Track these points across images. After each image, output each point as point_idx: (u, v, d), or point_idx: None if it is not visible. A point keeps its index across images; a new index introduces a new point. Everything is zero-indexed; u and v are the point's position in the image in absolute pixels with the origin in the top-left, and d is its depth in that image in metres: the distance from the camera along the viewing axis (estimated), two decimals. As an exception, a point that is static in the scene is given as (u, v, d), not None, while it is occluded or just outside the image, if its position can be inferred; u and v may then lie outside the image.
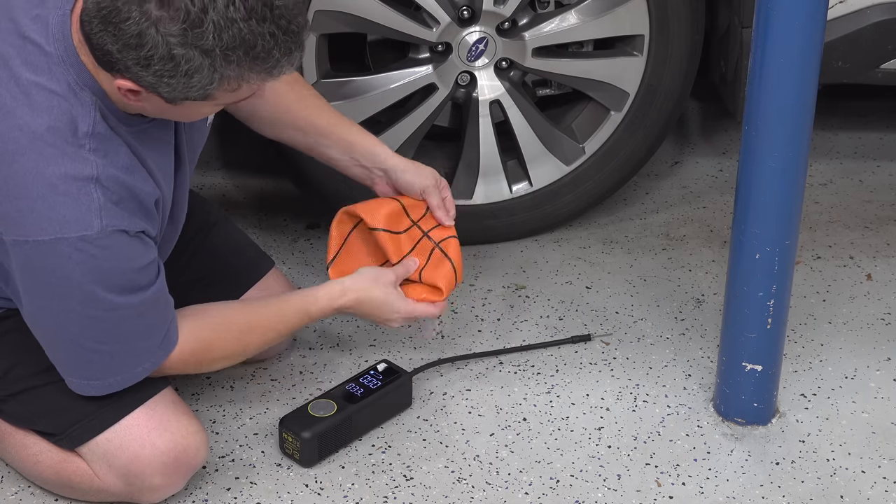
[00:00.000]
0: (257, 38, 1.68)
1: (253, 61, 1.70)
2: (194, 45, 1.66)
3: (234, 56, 1.68)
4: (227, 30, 1.66)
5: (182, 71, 1.68)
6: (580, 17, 2.62)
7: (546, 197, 2.80)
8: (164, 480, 2.04)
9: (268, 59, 1.71)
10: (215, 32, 1.66)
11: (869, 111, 3.39)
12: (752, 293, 2.15)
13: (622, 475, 2.20)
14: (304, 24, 1.74)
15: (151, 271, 1.89)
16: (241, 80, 1.73)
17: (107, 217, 1.79)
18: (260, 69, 1.72)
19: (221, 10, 1.65)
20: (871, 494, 2.17)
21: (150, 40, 1.66)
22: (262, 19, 1.68)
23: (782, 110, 1.98)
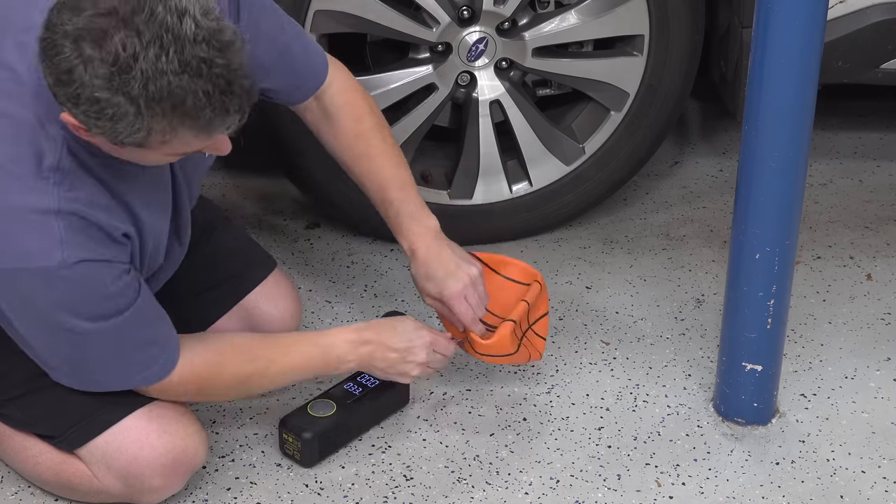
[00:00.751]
0: (187, 95, 1.61)
1: (182, 117, 1.63)
2: (120, 90, 1.60)
3: (160, 108, 1.62)
4: (154, 80, 1.60)
5: (108, 115, 1.63)
6: (580, 17, 2.62)
7: (546, 197, 2.80)
8: (164, 481, 2.04)
9: (199, 117, 1.64)
10: (142, 81, 1.59)
11: (869, 111, 3.39)
12: (752, 293, 2.15)
13: (622, 475, 2.20)
14: (248, 87, 1.66)
15: (125, 296, 1.86)
16: (171, 133, 1.66)
17: (68, 248, 1.76)
18: (191, 126, 1.65)
19: (152, 59, 1.59)
20: (871, 494, 2.17)
21: (79, 78, 1.61)
22: (196, 75, 1.61)
23: (782, 110, 1.98)
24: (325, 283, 2.71)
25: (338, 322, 2.57)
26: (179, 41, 1.60)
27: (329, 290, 2.68)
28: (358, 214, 2.76)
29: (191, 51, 1.61)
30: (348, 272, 2.75)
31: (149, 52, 1.59)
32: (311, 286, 2.68)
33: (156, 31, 1.60)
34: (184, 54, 1.60)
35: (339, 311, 2.61)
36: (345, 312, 2.60)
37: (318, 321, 2.58)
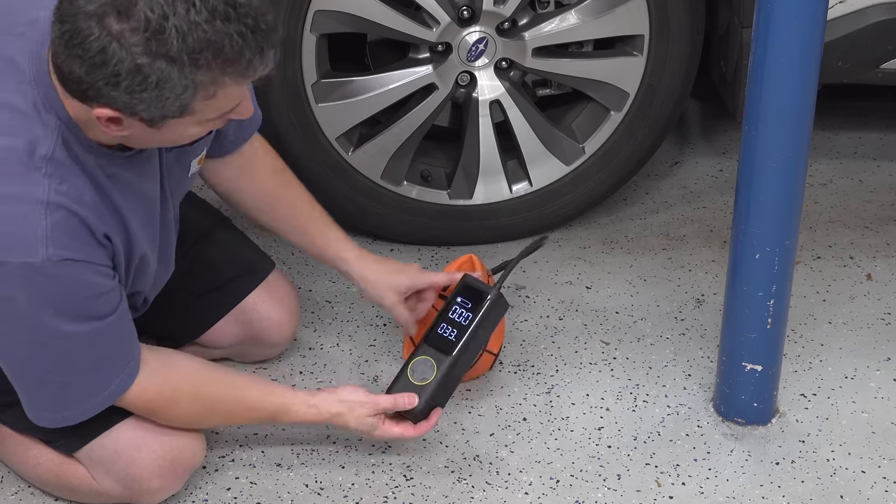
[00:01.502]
0: (224, 39, 1.62)
1: (224, 63, 1.64)
2: (159, 53, 1.61)
3: (203, 59, 1.62)
4: (190, 34, 1.60)
5: (152, 83, 1.63)
6: (580, 17, 2.62)
7: (546, 197, 2.80)
8: (162, 482, 2.04)
9: (239, 59, 1.65)
10: (179, 37, 1.60)
11: (869, 111, 3.39)
12: (752, 293, 2.15)
13: (622, 475, 2.20)
14: (273, 22, 1.68)
15: (109, 302, 1.85)
16: (215, 85, 1.66)
17: (52, 246, 1.74)
18: (233, 71, 1.66)
19: (182, 14, 1.60)
20: (871, 494, 2.17)
21: (115, 55, 1.61)
22: (226, 19, 1.62)
23: (782, 110, 1.98)
24: (325, 283, 2.71)
25: (337, 322, 2.57)
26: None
27: (329, 290, 2.68)
28: (358, 214, 2.76)
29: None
30: (348, 272, 2.75)
31: (177, 8, 1.60)
32: (311, 286, 2.68)
33: None
34: (209, 2, 1.62)
35: (339, 310, 2.61)
36: (344, 312, 2.60)
37: (317, 321, 2.58)
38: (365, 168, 2.69)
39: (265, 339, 2.37)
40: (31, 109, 1.75)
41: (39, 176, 1.74)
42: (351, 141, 2.69)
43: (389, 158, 2.70)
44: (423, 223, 2.79)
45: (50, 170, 1.75)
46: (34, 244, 1.73)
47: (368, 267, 2.29)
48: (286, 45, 2.52)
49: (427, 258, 2.80)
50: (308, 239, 2.29)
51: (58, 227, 1.74)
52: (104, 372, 1.91)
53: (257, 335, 2.36)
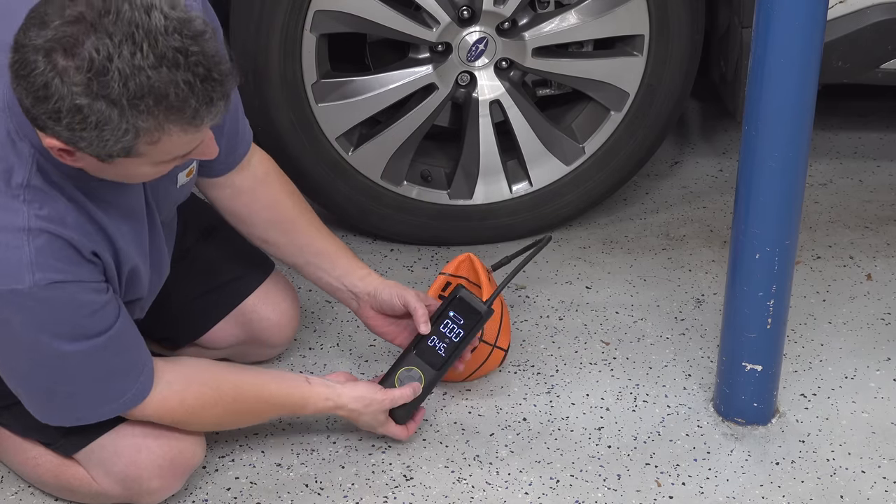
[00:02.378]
0: (169, 87, 1.58)
1: (167, 111, 1.60)
2: (100, 94, 1.57)
3: (143, 105, 1.58)
4: (133, 78, 1.56)
5: (91, 123, 1.59)
6: (580, 17, 2.62)
7: (546, 197, 2.80)
8: (162, 483, 2.04)
9: (184, 108, 1.61)
10: (121, 81, 1.56)
11: (869, 111, 3.39)
12: (752, 293, 2.15)
13: (622, 475, 2.20)
14: (227, 71, 1.63)
15: (106, 317, 1.84)
16: (159, 131, 1.62)
17: (39, 271, 1.73)
18: (177, 119, 1.62)
19: (127, 57, 1.56)
20: (871, 494, 2.17)
21: (56, 91, 1.58)
22: (174, 66, 1.58)
23: (782, 110, 1.98)
24: (325, 283, 2.70)
25: (337, 322, 2.57)
26: (151, 35, 1.57)
27: (329, 290, 2.68)
28: (358, 214, 2.76)
29: (164, 43, 1.58)
30: (348, 272, 2.75)
31: (122, 51, 1.56)
32: (311, 286, 2.68)
33: (126, 30, 1.57)
34: (158, 47, 1.58)
35: (339, 310, 2.61)
36: (344, 312, 2.60)
37: (317, 321, 2.58)
38: (365, 168, 2.69)
39: (265, 339, 2.37)
40: (5, 137, 1.73)
41: (18, 203, 1.73)
42: (351, 141, 2.69)
43: (389, 158, 2.70)
44: (423, 223, 2.79)
45: (28, 196, 1.73)
46: (19, 271, 1.72)
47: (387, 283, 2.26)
48: (286, 44, 2.52)
49: (427, 258, 2.80)
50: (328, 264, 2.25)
51: (42, 251, 1.73)
52: (116, 383, 1.91)
53: (257, 336, 2.36)
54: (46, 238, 1.73)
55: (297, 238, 2.24)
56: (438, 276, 2.38)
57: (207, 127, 1.68)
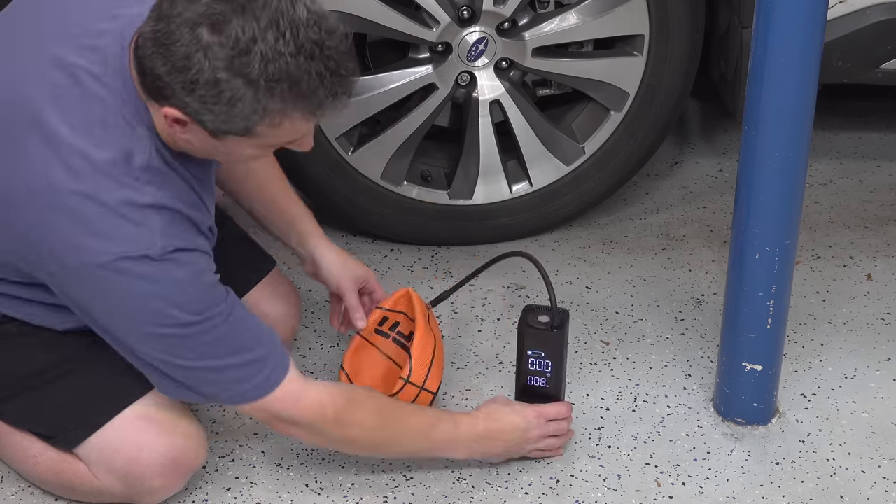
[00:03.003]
0: (303, 75, 1.68)
1: (297, 98, 1.69)
2: (240, 73, 1.66)
3: (279, 89, 1.68)
4: (273, 62, 1.66)
5: (225, 98, 1.68)
6: (580, 17, 2.62)
7: (546, 197, 2.80)
8: (164, 482, 2.04)
9: (312, 97, 1.70)
10: (262, 63, 1.66)
11: (869, 111, 3.39)
12: (752, 293, 2.15)
13: (622, 475, 2.20)
14: (353, 70, 1.73)
15: (220, 289, 1.89)
16: (283, 115, 1.71)
17: (167, 237, 1.79)
18: (304, 107, 1.71)
19: (271, 42, 1.65)
20: (871, 494, 2.17)
21: (197, 64, 1.66)
22: (310, 57, 1.67)
23: (782, 110, 1.98)
24: (325, 283, 2.71)
25: (338, 322, 2.58)
26: (294, 25, 1.66)
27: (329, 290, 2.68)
28: (358, 214, 2.76)
29: (305, 34, 1.67)
30: (348, 272, 2.75)
31: (267, 35, 1.65)
32: (312, 286, 2.68)
33: (272, 16, 1.66)
34: (299, 37, 1.66)
35: (339, 311, 2.61)
36: (345, 312, 2.60)
37: (317, 321, 2.58)
38: (365, 168, 2.69)
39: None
40: (123, 124, 1.80)
41: (141, 184, 1.79)
42: (351, 141, 2.69)
43: (389, 158, 2.70)
44: (423, 223, 2.79)
45: (148, 177, 1.80)
46: (151, 237, 1.79)
47: (333, 250, 2.31)
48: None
49: (427, 258, 2.80)
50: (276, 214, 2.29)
51: (167, 222, 1.80)
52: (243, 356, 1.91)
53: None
54: (169, 213, 1.81)
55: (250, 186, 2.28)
56: (375, 310, 2.32)
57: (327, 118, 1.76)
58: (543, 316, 2.18)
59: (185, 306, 1.83)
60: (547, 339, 2.18)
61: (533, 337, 2.18)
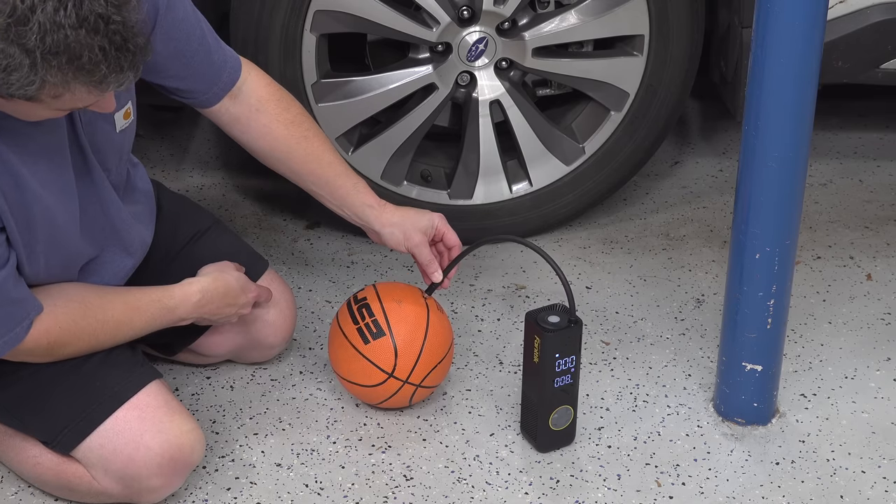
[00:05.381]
0: (83, 49, 1.62)
1: (77, 71, 1.64)
2: (16, 41, 1.60)
3: (56, 62, 1.62)
4: (51, 33, 1.60)
5: (1, 66, 1.63)
6: (580, 17, 2.62)
7: (546, 197, 2.80)
8: (162, 481, 2.04)
9: (94, 72, 1.65)
10: (39, 34, 1.60)
11: (869, 111, 3.39)
12: (752, 293, 2.15)
13: (622, 475, 2.20)
14: (142, 45, 1.68)
15: None
16: (64, 87, 1.66)
17: None
18: (85, 80, 1.66)
19: (50, 13, 1.60)
20: (871, 494, 2.17)
21: None
22: (93, 31, 1.62)
23: (782, 110, 1.98)
24: (325, 283, 2.71)
25: (338, 322, 2.57)
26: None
27: (329, 290, 2.68)
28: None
29: (89, 6, 1.62)
30: (348, 272, 2.75)
31: (46, 5, 1.60)
32: (311, 286, 2.68)
33: None
34: (81, 9, 1.61)
35: (339, 311, 2.61)
36: (345, 312, 2.60)
37: (317, 321, 2.58)
38: (365, 168, 2.69)
39: (262, 340, 2.37)
40: None
41: None
42: (351, 141, 2.69)
43: (389, 158, 2.70)
44: (423, 223, 2.79)
45: None
46: None
47: (391, 211, 2.27)
48: (286, 45, 2.52)
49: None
50: (327, 191, 2.27)
51: None
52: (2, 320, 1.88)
53: (254, 336, 2.36)
54: None
55: (294, 166, 2.25)
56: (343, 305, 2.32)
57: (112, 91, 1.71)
58: (553, 316, 2.16)
59: None
60: (568, 338, 2.15)
61: (553, 334, 2.13)
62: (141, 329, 2.09)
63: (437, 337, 2.25)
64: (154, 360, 2.26)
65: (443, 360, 2.26)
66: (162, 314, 2.11)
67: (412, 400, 2.29)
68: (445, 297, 2.65)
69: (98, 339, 2.04)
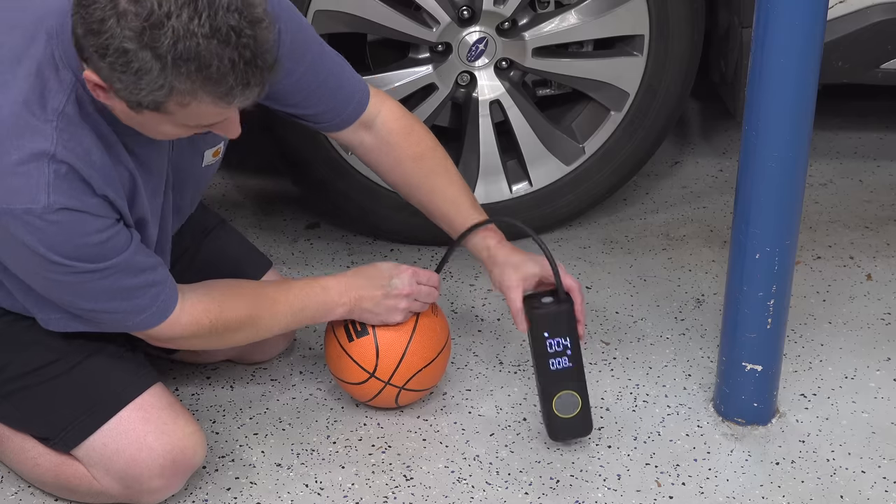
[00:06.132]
0: (213, 59, 1.65)
1: (205, 81, 1.67)
2: (149, 45, 1.64)
3: (185, 69, 1.65)
4: (184, 40, 1.63)
5: (133, 69, 1.66)
6: (580, 17, 2.62)
7: (546, 197, 2.80)
8: (163, 482, 2.04)
9: (221, 82, 1.67)
10: (172, 39, 1.63)
11: (869, 111, 3.39)
12: (752, 293, 2.15)
13: (622, 475, 2.20)
14: (271, 63, 1.71)
15: (115, 245, 1.87)
16: (191, 96, 1.69)
17: (54, 194, 1.78)
18: (212, 91, 1.69)
19: (185, 20, 1.63)
20: (871, 494, 2.17)
21: (110, 30, 1.64)
22: (224, 42, 1.65)
23: (782, 110, 1.98)
24: (325, 283, 2.70)
25: (338, 322, 2.57)
26: (213, 7, 1.64)
27: (329, 290, 2.68)
28: (358, 214, 2.76)
29: (223, 18, 1.65)
30: (348, 272, 2.75)
31: (182, 13, 1.63)
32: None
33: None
34: (216, 20, 1.64)
35: (339, 311, 2.61)
36: (345, 312, 2.60)
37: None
38: (365, 168, 2.68)
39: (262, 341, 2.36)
40: (50, 60, 1.79)
41: (49, 128, 1.78)
42: (351, 141, 2.69)
43: (389, 158, 2.69)
44: (423, 223, 2.77)
45: (61, 124, 1.79)
46: (37, 192, 1.77)
47: (504, 253, 2.23)
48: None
49: (427, 258, 2.80)
50: (447, 226, 2.27)
51: (60, 178, 1.78)
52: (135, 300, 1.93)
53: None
54: (67, 169, 1.79)
55: (419, 198, 2.27)
56: None
57: (238, 106, 1.74)
58: (545, 297, 2.16)
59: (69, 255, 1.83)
60: (559, 314, 2.14)
61: (545, 316, 2.14)
62: (297, 308, 2.13)
63: (425, 339, 2.24)
64: (154, 360, 2.26)
65: (430, 363, 2.25)
66: (315, 293, 2.14)
67: (398, 401, 2.29)
68: (445, 297, 2.65)
69: (259, 319, 2.09)
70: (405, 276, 2.20)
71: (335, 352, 2.25)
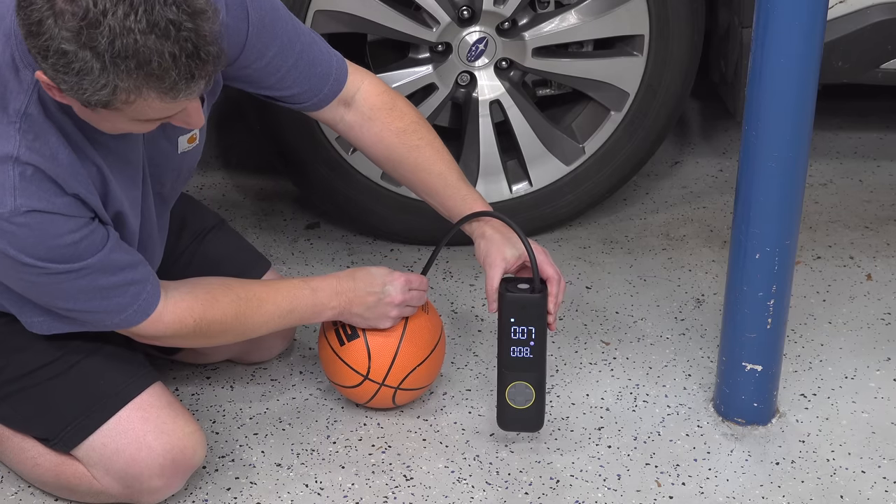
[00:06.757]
0: (152, 55, 1.62)
1: (148, 77, 1.64)
2: (87, 45, 1.61)
3: (125, 66, 1.62)
4: (121, 38, 1.60)
5: (74, 69, 1.64)
6: (580, 17, 2.62)
7: (546, 197, 2.80)
8: (163, 482, 2.04)
9: (164, 78, 1.64)
10: (109, 37, 1.60)
11: (869, 111, 3.39)
12: (752, 293, 2.15)
13: (622, 475, 2.20)
14: (216, 54, 1.68)
15: (89, 244, 1.85)
16: (136, 94, 1.66)
17: (21, 197, 1.76)
18: (156, 87, 1.66)
19: (121, 17, 1.60)
20: (871, 494, 2.17)
21: (48, 31, 1.62)
22: (163, 36, 1.62)
23: (782, 110, 1.98)
24: (325, 283, 2.70)
25: (338, 322, 2.57)
26: (149, 2, 1.61)
27: (329, 290, 2.68)
28: (358, 214, 2.76)
29: (160, 12, 1.62)
30: (348, 272, 2.75)
31: (118, 10, 1.60)
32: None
33: None
34: (153, 15, 1.61)
35: (339, 311, 2.61)
36: (345, 312, 2.60)
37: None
38: (365, 168, 2.69)
39: (262, 341, 2.36)
40: (9, 62, 1.77)
41: (13, 130, 1.76)
42: (351, 141, 2.69)
43: (389, 158, 2.69)
44: (423, 223, 2.79)
45: (24, 126, 1.77)
46: (4, 195, 1.76)
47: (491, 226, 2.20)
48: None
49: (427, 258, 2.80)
50: (437, 201, 2.25)
51: (26, 180, 1.77)
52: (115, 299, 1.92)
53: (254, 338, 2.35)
54: (32, 170, 1.77)
55: (406, 174, 2.25)
56: None
57: (186, 100, 1.71)
58: (523, 284, 2.12)
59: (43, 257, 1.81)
60: (528, 302, 2.11)
61: (514, 302, 2.10)
62: (286, 309, 2.11)
63: (416, 338, 2.24)
64: (154, 360, 2.26)
65: (423, 362, 2.25)
66: (304, 294, 2.13)
67: (396, 401, 2.29)
68: (445, 297, 2.66)
69: (246, 319, 2.07)
70: (398, 283, 2.19)
71: (328, 356, 2.25)
